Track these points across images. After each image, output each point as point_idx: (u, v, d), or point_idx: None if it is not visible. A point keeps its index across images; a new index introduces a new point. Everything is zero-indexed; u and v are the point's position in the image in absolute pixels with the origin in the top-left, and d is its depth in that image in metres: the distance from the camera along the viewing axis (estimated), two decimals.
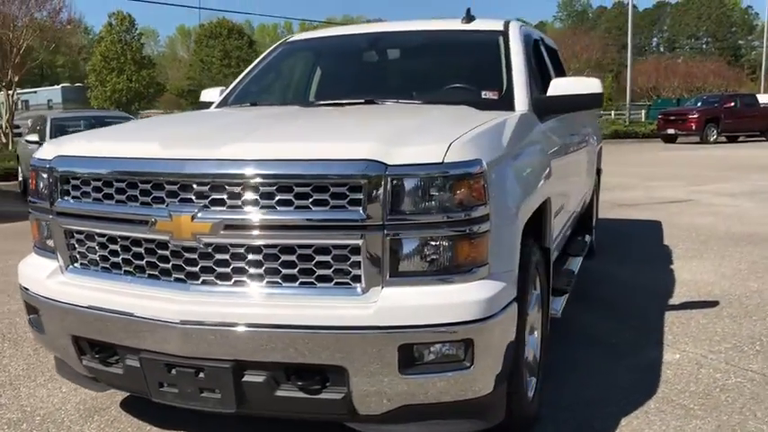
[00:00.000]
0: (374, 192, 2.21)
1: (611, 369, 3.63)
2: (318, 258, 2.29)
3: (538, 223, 3.14)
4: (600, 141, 6.52)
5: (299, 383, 2.32)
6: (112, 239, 2.55)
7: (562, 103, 3.51)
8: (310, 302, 2.29)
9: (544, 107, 3.48)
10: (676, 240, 7.08)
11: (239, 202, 2.30)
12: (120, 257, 2.55)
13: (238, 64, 50.09)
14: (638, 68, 48.61)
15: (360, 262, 2.26)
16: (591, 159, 5.52)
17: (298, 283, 2.32)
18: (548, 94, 3.50)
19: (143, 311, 2.39)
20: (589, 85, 3.51)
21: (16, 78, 22.15)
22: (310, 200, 2.26)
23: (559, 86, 3.51)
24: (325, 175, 2.24)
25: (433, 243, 2.27)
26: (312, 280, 2.31)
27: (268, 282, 2.34)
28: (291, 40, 4.44)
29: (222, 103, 3.98)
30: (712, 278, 5.49)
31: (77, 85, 44.28)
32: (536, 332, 3.18)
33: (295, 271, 2.31)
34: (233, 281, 2.37)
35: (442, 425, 2.46)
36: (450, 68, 3.97)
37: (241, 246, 2.33)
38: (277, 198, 2.27)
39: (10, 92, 22.25)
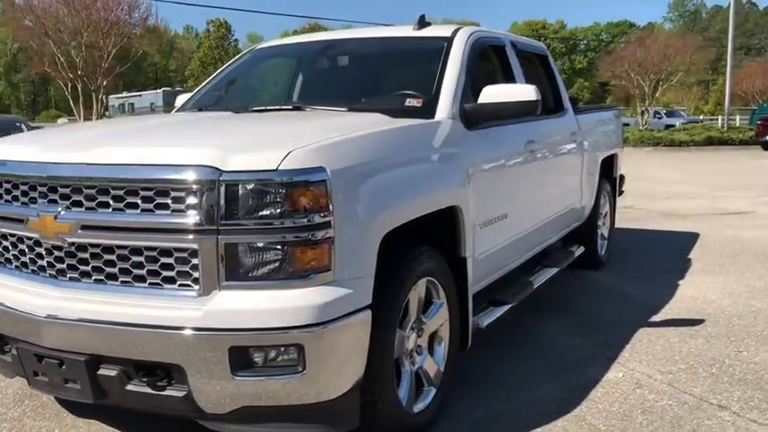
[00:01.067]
0: (208, 197, 2.29)
1: (542, 384, 3.53)
2: (163, 260, 2.39)
3: (450, 231, 3.12)
4: (614, 148, 6.27)
5: (146, 379, 2.42)
6: (3, 236, 2.75)
7: (493, 111, 3.45)
8: (155, 302, 2.39)
9: (473, 115, 3.43)
10: (703, 254, 6.72)
11: (93, 204, 2.44)
12: (11, 253, 2.74)
13: None
14: (746, 71, 45.90)
15: (198, 265, 2.34)
16: (587, 169, 5.33)
17: (147, 283, 2.42)
18: (478, 101, 3.45)
19: (17, 304, 2.56)
20: (521, 92, 3.44)
21: (104, 83, 23.59)
22: (153, 203, 2.36)
23: (490, 94, 3.46)
24: (164, 180, 2.34)
25: (268, 248, 2.32)
26: (159, 281, 2.41)
27: (122, 281, 2.46)
28: (260, 47, 4.57)
29: (181, 108, 4.15)
30: (715, 295, 5.19)
31: (177, 89, 46.62)
32: (443, 342, 3.15)
33: (143, 272, 2.42)
34: (93, 279, 2.50)
35: (286, 427, 2.50)
36: (388, 76, 3.99)
37: (97, 246, 2.46)
38: (125, 201, 2.39)
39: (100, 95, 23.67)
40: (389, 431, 2.80)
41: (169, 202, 2.34)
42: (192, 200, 2.31)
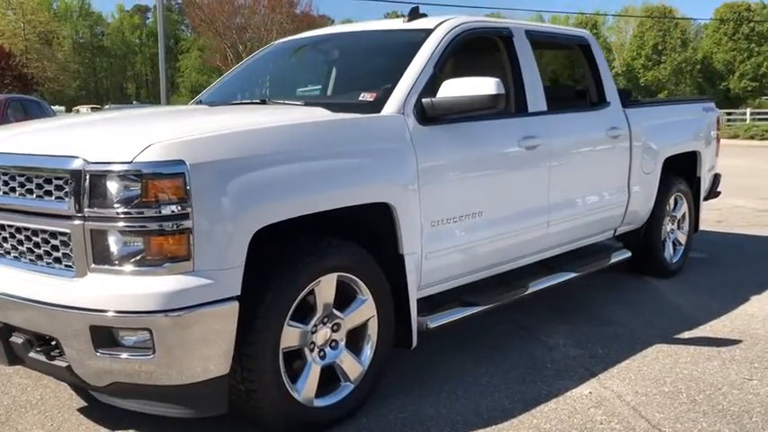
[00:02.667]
0: (77, 185, 2.48)
1: (494, 393, 3.37)
2: (52, 242, 2.62)
3: (390, 227, 3.08)
4: (692, 144, 5.66)
5: (40, 349, 2.68)
6: None
7: (449, 106, 3.33)
8: (45, 280, 2.63)
9: (429, 110, 3.34)
10: None
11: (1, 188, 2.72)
12: None
13: None
14: None
15: (73, 248, 2.54)
16: (641, 167, 4.89)
17: (44, 262, 2.67)
18: (436, 96, 3.34)
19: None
20: (480, 85, 3.28)
21: None
22: (42, 190, 2.60)
23: (449, 88, 3.34)
24: (43, 169, 2.58)
25: (128, 236, 2.46)
26: (51, 261, 2.64)
27: (15, 257, 2.72)
28: (279, 42, 4.72)
29: (196, 102, 4.41)
30: None
31: None
32: (371, 340, 3.12)
33: (41, 251, 2.67)
34: (10, 256, 2.80)
35: (153, 405, 2.65)
36: (364, 70, 3.95)
37: (4, 227, 2.75)
38: (10, 185, 2.65)
39: None
40: (279, 421, 2.83)
41: (52, 189, 2.57)
42: (66, 188, 2.52)
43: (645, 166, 5.03)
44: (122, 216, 2.44)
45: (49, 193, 2.58)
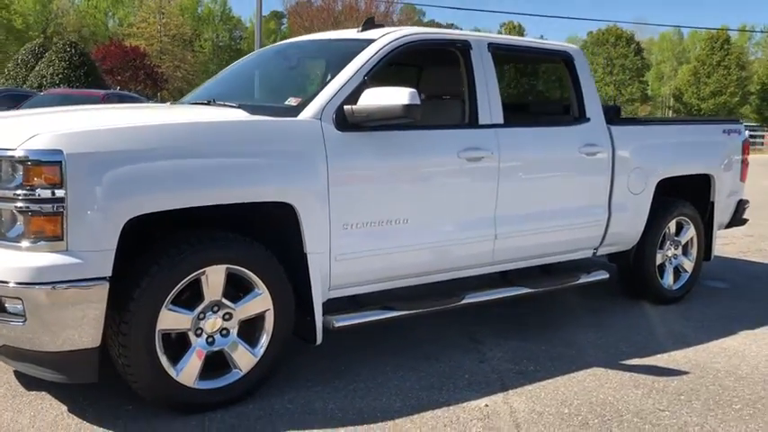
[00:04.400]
0: None
1: (394, 397, 3.43)
2: None
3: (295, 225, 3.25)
4: (699, 166, 5.40)
5: None
6: None
7: (367, 114, 3.45)
8: None
9: (349, 117, 3.47)
10: None
11: None
12: None
13: (621, 71, 48.73)
14: None
15: None
16: (627, 188, 4.76)
17: None
18: (357, 104, 3.47)
19: None
20: (394, 95, 3.38)
21: None
22: None
23: (369, 97, 3.46)
24: None
25: (11, 214, 2.78)
26: None
27: None
28: (259, 49, 4.97)
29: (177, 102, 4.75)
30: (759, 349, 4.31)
31: None
32: (266, 333, 3.29)
33: None
34: None
35: (35, 368, 2.95)
36: (308, 77, 4.11)
37: None
38: None
39: None
40: (154, 395, 3.06)
41: None
42: None
43: (633, 186, 4.88)
44: (8, 197, 2.75)
45: None
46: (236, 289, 3.25)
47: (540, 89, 6.02)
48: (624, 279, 5.37)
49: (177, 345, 3.14)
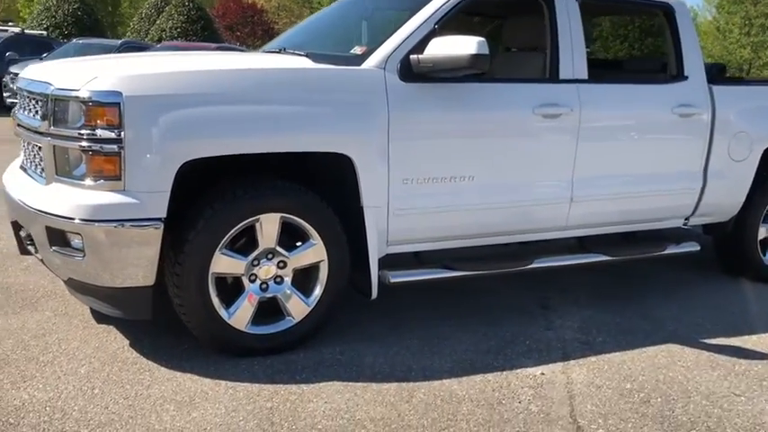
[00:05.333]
0: (46, 107, 2.96)
1: (447, 358, 3.36)
2: (39, 155, 3.13)
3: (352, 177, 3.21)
4: None
5: (29, 242, 3.23)
6: None
7: (433, 64, 3.31)
8: (31, 186, 3.16)
9: (415, 68, 3.35)
10: None
11: (26, 107, 3.26)
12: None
13: (760, 32, 45.00)
14: None
15: (44, 160, 3.04)
16: (728, 153, 4.38)
17: (37, 172, 3.19)
18: (423, 53, 3.35)
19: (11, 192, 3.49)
20: (461, 45, 3.23)
21: None
22: (35, 111, 3.11)
23: (435, 46, 3.32)
24: (34, 92, 3.09)
25: (75, 153, 2.89)
26: (40, 170, 3.15)
27: (33, 169, 3.27)
28: None
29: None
30: None
31: None
32: (320, 283, 3.30)
33: (36, 162, 3.20)
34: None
35: (95, 302, 3.10)
36: (375, 25, 3.99)
37: (27, 143, 3.31)
38: (27, 108, 3.18)
39: None
40: (206, 337, 3.14)
41: (39, 109, 3.07)
42: (43, 109, 3.00)
43: (735, 152, 4.47)
44: (72, 136, 2.86)
45: (37, 113, 3.08)
46: (293, 238, 3.25)
47: (634, 44, 5.60)
48: (720, 253, 4.98)
49: (232, 289, 3.18)
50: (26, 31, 17.08)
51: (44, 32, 18.63)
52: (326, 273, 3.30)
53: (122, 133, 2.80)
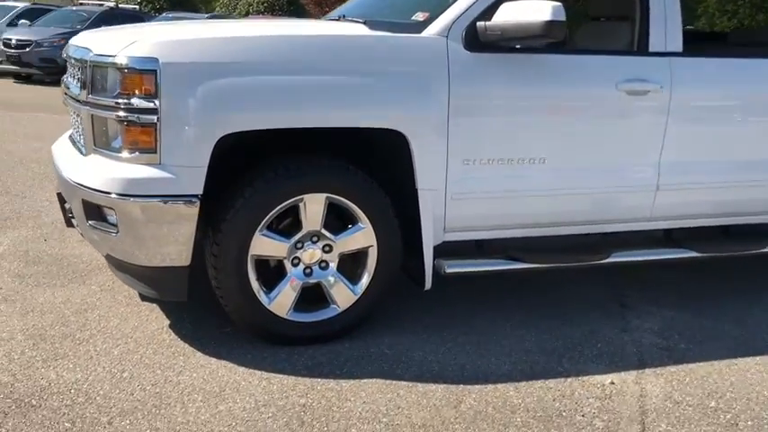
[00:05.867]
0: (84, 74, 2.82)
1: (504, 358, 3.06)
2: (79, 126, 3.00)
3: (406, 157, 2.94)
4: None
5: (70, 215, 3.12)
6: None
7: (501, 32, 2.97)
8: (73, 157, 3.04)
9: (481, 36, 3.03)
10: None
11: (73, 75, 3.14)
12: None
13: None
14: None
15: (83, 130, 2.91)
16: None
17: (80, 144, 3.07)
18: (491, 21, 3.02)
19: (57, 163, 3.41)
20: (534, 10, 2.88)
21: None
22: (77, 78, 2.98)
23: (504, 12, 2.98)
24: (75, 58, 2.96)
25: (110, 123, 2.73)
26: (82, 143, 3.03)
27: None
28: None
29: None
30: None
31: None
32: (368, 270, 3.05)
33: (78, 134, 3.08)
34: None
35: (131, 281, 2.95)
36: None
37: (75, 113, 3.19)
38: (76, 76, 3.04)
39: None
40: (243, 323, 2.96)
41: (79, 76, 2.93)
42: (82, 76, 2.86)
43: None
44: (109, 105, 2.70)
45: (78, 80, 2.95)
46: (341, 221, 3.01)
47: (743, 20, 5.00)
48: None
49: (274, 273, 2.98)
50: (119, 5, 17.52)
51: (136, 7, 19.10)
52: (375, 259, 3.04)
53: (158, 103, 2.61)
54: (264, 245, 2.87)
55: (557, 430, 2.50)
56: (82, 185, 2.80)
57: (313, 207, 2.90)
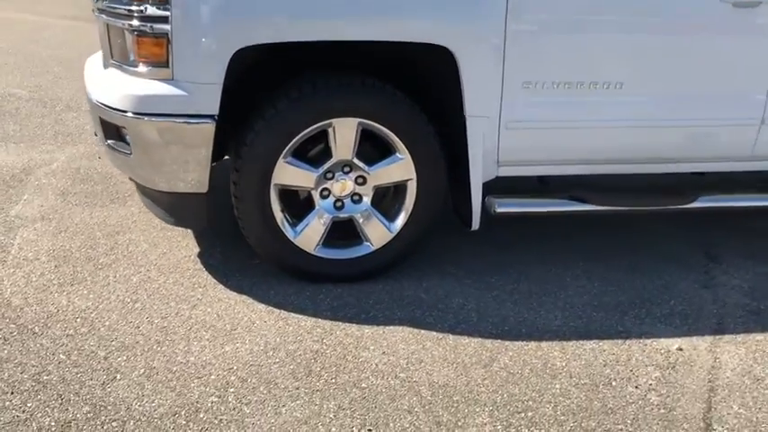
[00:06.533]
0: None
1: (558, 312, 2.70)
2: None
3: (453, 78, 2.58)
4: None
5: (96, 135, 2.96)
6: None
7: None
8: (98, 73, 2.83)
9: None
10: None
11: None
12: None
13: None
14: None
15: (102, 42, 2.69)
16: None
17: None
18: None
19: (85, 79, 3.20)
20: None
21: None
22: None
23: None
24: None
25: (122, 34, 2.50)
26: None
27: None
28: None
29: None
30: None
31: None
32: (406, 206, 2.75)
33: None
34: None
35: (152, 207, 2.77)
36: None
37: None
38: None
39: None
40: (267, 255, 2.74)
41: None
42: None
43: None
44: (121, 13, 2.46)
45: None
46: (380, 151, 2.69)
47: None
48: None
49: (304, 206, 2.72)
50: None
51: None
52: (415, 195, 2.72)
53: (170, 11, 2.34)
54: (289, 173, 2.61)
55: (600, 402, 2.15)
56: (97, 101, 2.60)
57: (344, 133, 2.59)
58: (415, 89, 2.69)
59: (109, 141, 2.65)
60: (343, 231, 2.76)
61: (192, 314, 2.50)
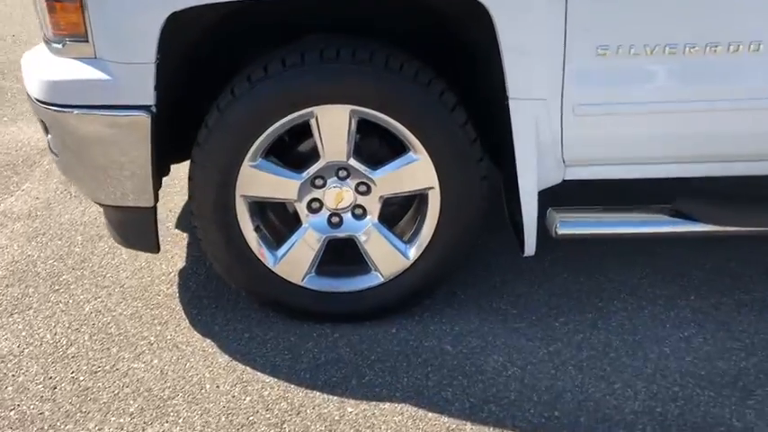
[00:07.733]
0: None
1: (595, 338, 1.87)
2: None
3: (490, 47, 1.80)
4: None
5: None
6: None
7: None
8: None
9: None
10: None
11: None
12: None
13: None
14: None
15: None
16: None
17: None
18: None
19: None
20: None
21: None
22: None
23: None
24: None
25: (45, 5, 1.88)
26: None
27: None
28: None
29: None
30: None
31: None
32: (426, 221, 2.00)
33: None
34: None
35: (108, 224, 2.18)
36: None
37: None
38: None
39: None
40: (240, 286, 2.08)
41: None
42: None
43: None
44: None
45: None
46: (391, 150, 1.94)
47: None
48: None
49: (294, 222, 2.04)
50: None
51: None
52: (438, 208, 1.94)
53: None
54: (260, 181, 1.92)
55: None
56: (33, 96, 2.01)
57: (331, 125, 1.85)
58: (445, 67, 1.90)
59: (48, 136, 2.07)
60: (344, 255, 2.05)
61: (131, 369, 1.91)
